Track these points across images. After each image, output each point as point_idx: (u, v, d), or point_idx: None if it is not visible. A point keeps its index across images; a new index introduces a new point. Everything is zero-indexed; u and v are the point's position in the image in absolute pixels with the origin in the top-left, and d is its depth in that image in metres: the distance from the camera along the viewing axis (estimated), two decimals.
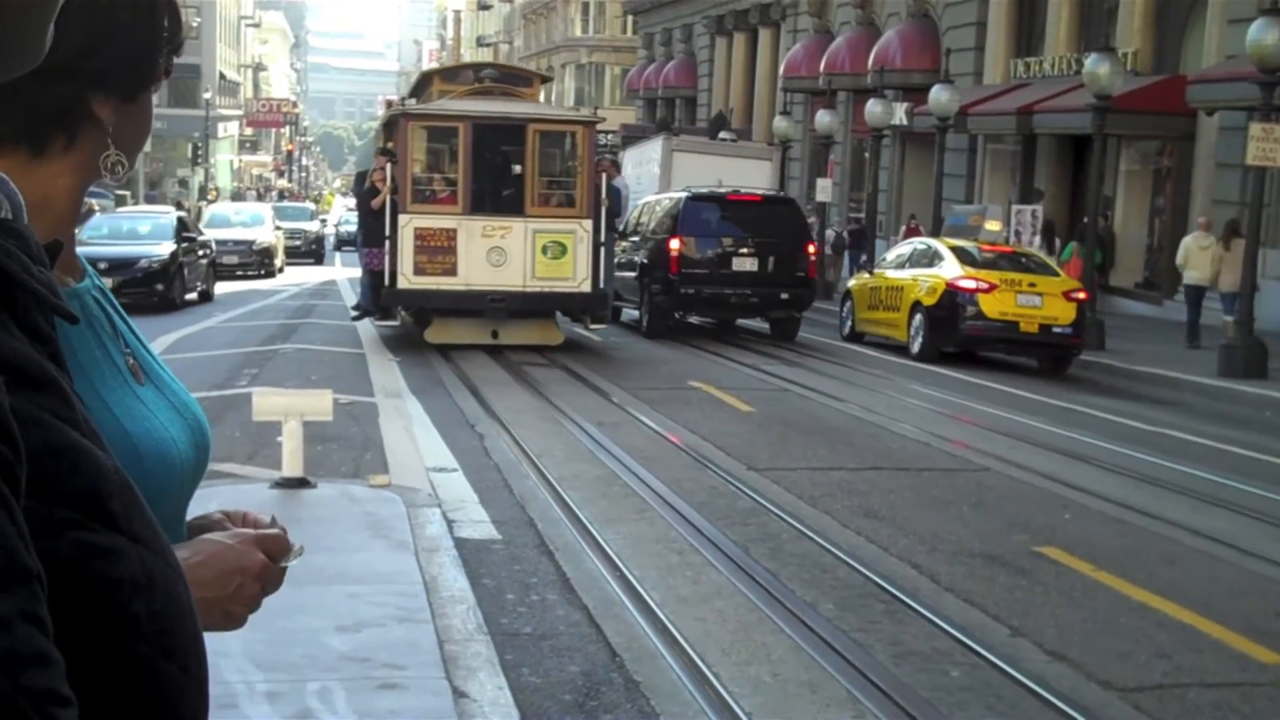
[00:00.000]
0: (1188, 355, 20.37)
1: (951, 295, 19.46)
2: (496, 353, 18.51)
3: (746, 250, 21.97)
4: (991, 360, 19.98)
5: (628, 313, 23.72)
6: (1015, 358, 20.07)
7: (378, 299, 19.34)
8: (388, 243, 18.63)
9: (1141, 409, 15.86)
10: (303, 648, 5.90)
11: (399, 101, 23.44)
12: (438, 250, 18.57)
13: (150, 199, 53.65)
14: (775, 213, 22.73)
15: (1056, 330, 19.18)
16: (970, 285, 19.36)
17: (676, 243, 21.87)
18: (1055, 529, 9.48)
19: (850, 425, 13.82)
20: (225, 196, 69.64)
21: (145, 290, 23.16)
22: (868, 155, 36.20)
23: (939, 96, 28.48)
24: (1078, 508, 10.24)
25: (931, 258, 20.73)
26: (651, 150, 32.16)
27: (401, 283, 18.57)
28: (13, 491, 0.94)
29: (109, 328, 1.60)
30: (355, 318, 21.19)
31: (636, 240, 23.45)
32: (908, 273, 20.96)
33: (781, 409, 14.72)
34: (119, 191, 48.70)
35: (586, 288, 18.95)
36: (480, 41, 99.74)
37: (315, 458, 10.27)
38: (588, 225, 18.93)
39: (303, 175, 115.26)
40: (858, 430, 13.50)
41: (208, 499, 1.70)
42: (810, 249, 22.93)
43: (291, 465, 9.31)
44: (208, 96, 70.76)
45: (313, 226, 46.07)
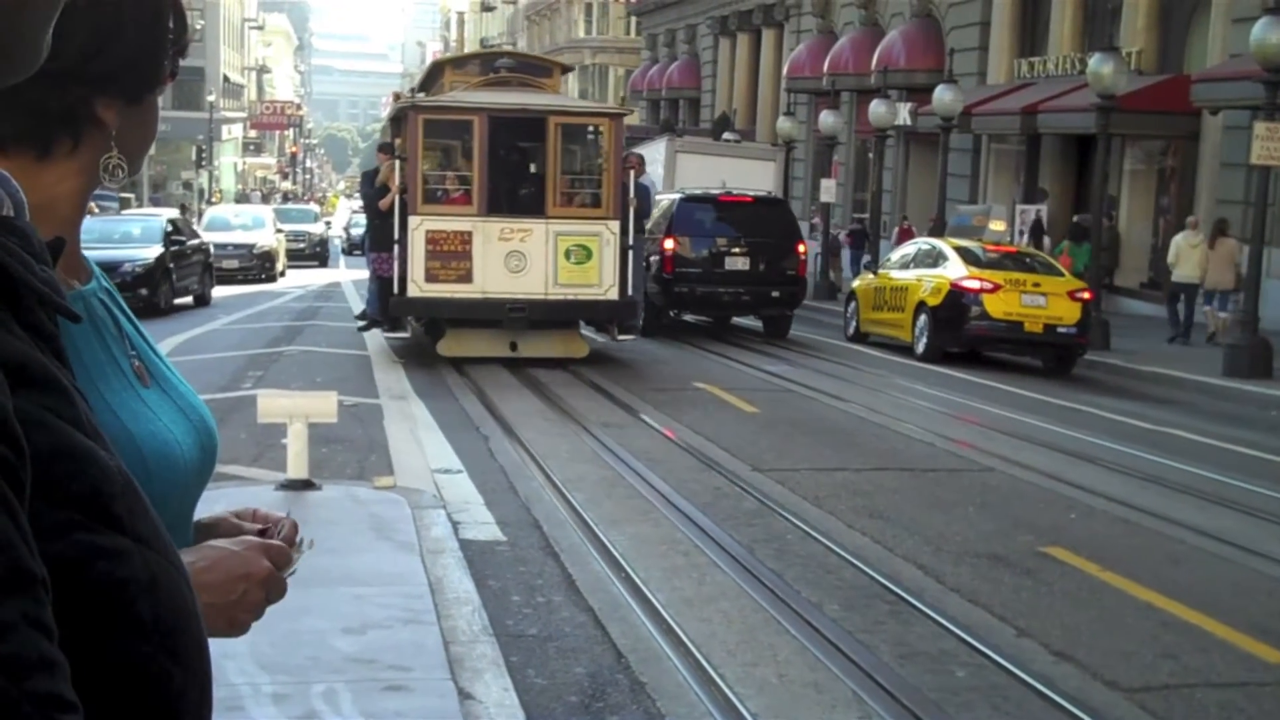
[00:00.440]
0: (1192, 355, 20.35)
1: (956, 295, 19.45)
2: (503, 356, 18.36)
3: (738, 250, 22.35)
4: (996, 360, 19.97)
5: None
6: (1020, 358, 20.05)
7: (386, 308, 17.84)
8: (396, 247, 17.15)
9: (1146, 409, 15.84)
10: (308, 649, 5.90)
11: (408, 94, 21.87)
12: (451, 255, 17.06)
13: (154, 201, 53.70)
14: (766, 213, 23.06)
15: (1061, 330, 19.16)
16: (975, 285, 19.35)
17: (670, 243, 22.22)
18: (1060, 529, 9.47)
19: (855, 426, 13.81)
20: (229, 199, 69.71)
21: (129, 295, 23.05)
22: (871, 155, 36.16)
23: (943, 96, 28.46)
24: (1083, 508, 10.23)
25: (936, 258, 20.72)
26: (655, 151, 32.12)
27: (412, 290, 17.06)
28: (16, 494, 0.94)
29: (114, 330, 1.60)
30: (362, 328, 19.54)
31: None
32: (912, 273, 20.95)
33: (786, 410, 14.71)
34: (123, 194, 48.77)
35: (614, 295, 17.39)
36: (484, 43, 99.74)
37: (320, 460, 10.27)
38: (614, 227, 17.40)
39: (307, 178, 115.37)
40: (862, 431, 13.49)
41: (213, 501, 1.70)
42: (800, 248, 23.20)
43: (296, 467, 9.32)
44: (211, 99, 70.79)
45: (316, 229, 45.65)
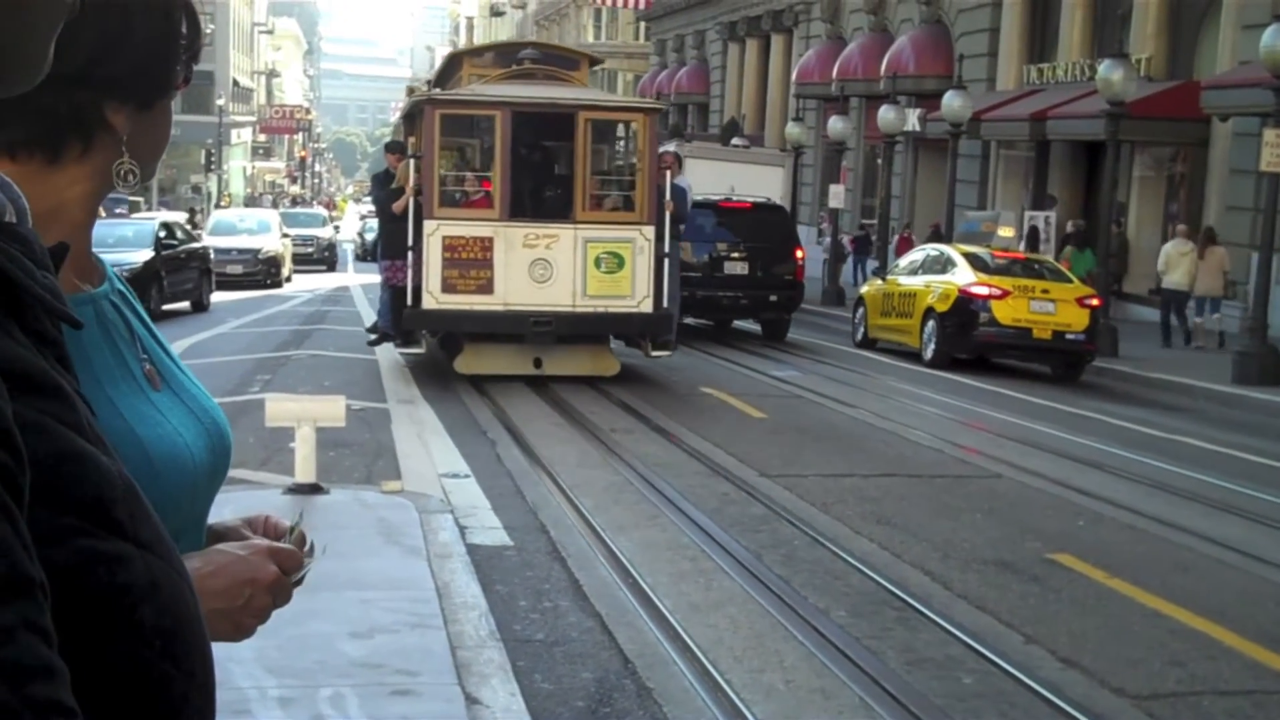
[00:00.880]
0: (1201, 362, 20.31)
1: (964, 302, 19.44)
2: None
3: (737, 255, 22.54)
4: (1004, 367, 19.95)
5: None
6: (1028, 364, 20.03)
7: (399, 321, 16.43)
8: (410, 254, 15.78)
9: (1155, 415, 15.82)
10: (315, 653, 5.90)
11: (423, 86, 20.28)
12: (470, 263, 15.67)
13: (164, 205, 53.75)
14: (764, 219, 23.24)
15: (1070, 337, 19.14)
16: (983, 292, 19.33)
17: None
18: (1068, 536, 9.46)
19: (863, 432, 13.80)
20: (239, 203, 69.80)
21: None
22: (880, 161, 36.16)
23: (952, 103, 28.46)
24: (1091, 514, 10.22)
25: (944, 264, 20.71)
26: None
27: (427, 302, 15.64)
28: (15, 500, 0.94)
29: (126, 333, 1.60)
30: (372, 342, 18.07)
31: None
32: (920, 279, 20.93)
33: (794, 415, 14.70)
34: (132, 198, 48.83)
35: (648, 307, 15.91)
36: None
37: (328, 463, 10.28)
38: (649, 232, 15.97)
39: (315, 182, 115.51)
40: (870, 437, 13.48)
41: (221, 504, 1.70)
42: (798, 254, 23.47)
43: (304, 471, 9.32)
44: (221, 103, 70.94)
45: (325, 233, 45.36)
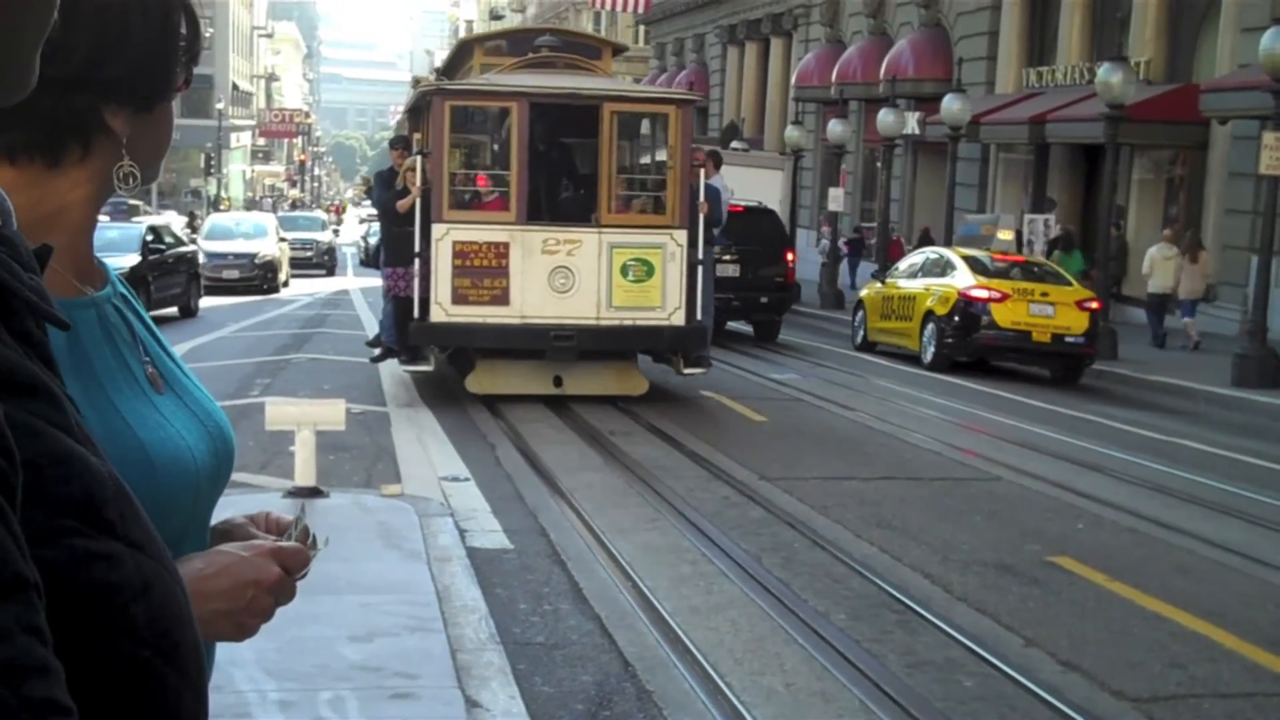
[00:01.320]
0: (1200, 364, 20.31)
1: (964, 305, 19.44)
2: None
3: (729, 257, 22.36)
4: (1004, 370, 19.95)
5: None
6: (1028, 367, 20.03)
7: (405, 335, 14.91)
8: (417, 261, 14.37)
9: (1154, 418, 15.82)
10: (315, 657, 5.90)
11: (432, 76, 18.79)
12: (484, 271, 14.28)
13: (164, 208, 53.69)
14: (756, 222, 23.29)
15: (1069, 340, 19.15)
16: (983, 295, 19.34)
17: None
18: (1068, 539, 9.46)
19: (862, 435, 13.80)
20: (238, 206, 69.80)
21: None
22: (880, 165, 36.15)
23: (951, 106, 28.47)
24: (1090, 517, 10.22)
25: (944, 267, 20.71)
26: None
27: (436, 314, 14.21)
28: (9, 501, 0.94)
29: (128, 336, 1.60)
30: (375, 358, 16.45)
31: None
32: (920, 282, 20.94)
33: (793, 418, 14.71)
34: (132, 201, 48.80)
35: (679, 319, 14.54)
36: None
37: (328, 467, 10.28)
38: (681, 237, 14.59)
39: (315, 185, 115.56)
40: (870, 440, 13.48)
41: (221, 508, 1.71)
42: (789, 256, 23.72)
43: (304, 475, 9.32)
44: (220, 107, 71.00)
45: (324, 237, 45.05)
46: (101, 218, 1.75)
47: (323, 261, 42.84)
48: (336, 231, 56.36)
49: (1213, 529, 9.92)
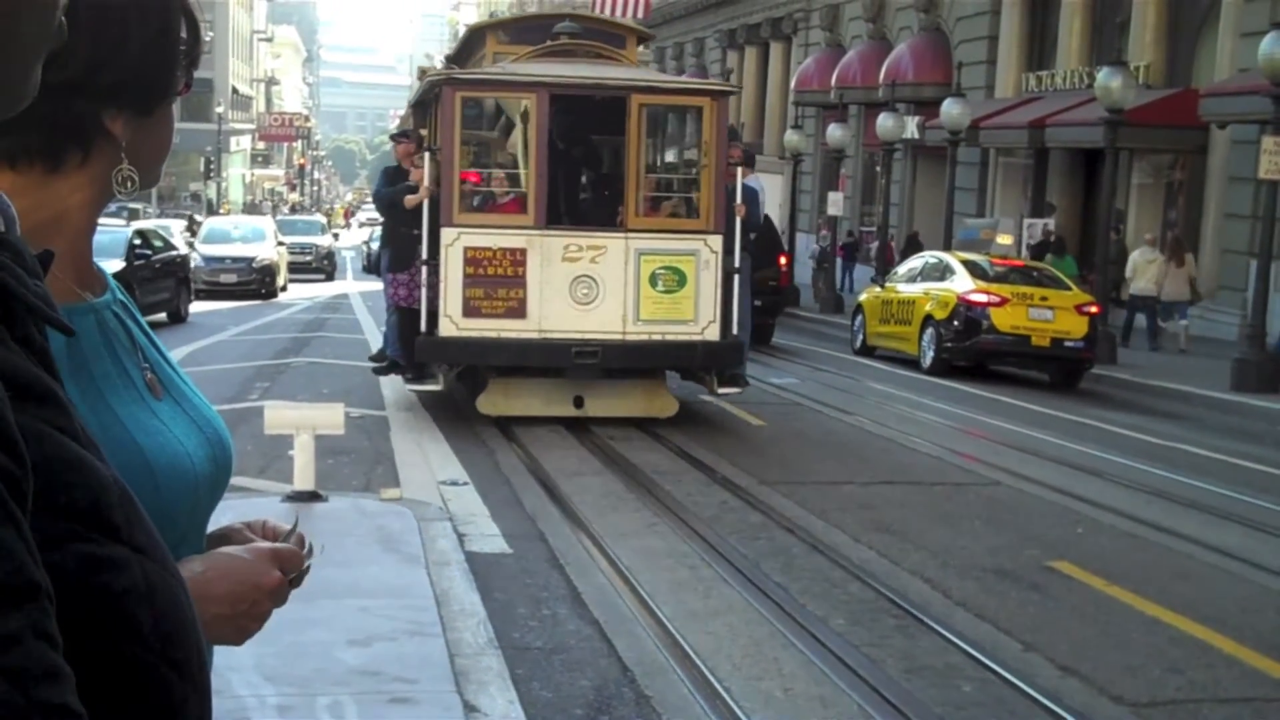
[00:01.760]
0: (1200, 369, 20.32)
1: (963, 309, 19.45)
2: None
3: None
4: (1003, 374, 19.96)
5: None
6: (1027, 372, 20.04)
7: (411, 350, 13.56)
8: (424, 270, 13.23)
9: (1153, 423, 15.82)
10: (314, 661, 5.90)
11: (442, 64, 17.34)
12: (498, 281, 13.04)
13: (164, 212, 53.60)
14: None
15: (1068, 344, 19.16)
16: (982, 299, 19.35)
17: None
18: (1067, 544, 9.46)
19: (861, 439, 13.80)
20: (238, 210, 69.79)
21: None
22: (879, 169, 36.21)
23: (950, 110, 28.50)
24: (1090, 522, 10.22)
25: (943, 272, 20.73)
26: None
27: (445, 328, 12.99)
28: (20, 507, 0.95)
29: (127, 342, 1.60)
30: (378, 370, 15.12)
31: None
32: (919, 287, 20.95)
33: (792, 423, 14.71)
34: (132, 205, 48.77)
35: (714, 334, 13.29)
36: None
37: (326, 471, 10.28)
38: (716, 243, 13.30)
39: (314, 189, 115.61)
40: (869, 444, 13.48)
41: (219, 512, 1.71)
42: (781, 260, 23.59)
43: (303, 478, 9.32)
44: (220, 110, 71.06)
45: (324, 241, 44.62)
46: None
47: (322, 266, 42.35)
48: (337, 235, 56.10)
49: (1212, 534, 9.92)
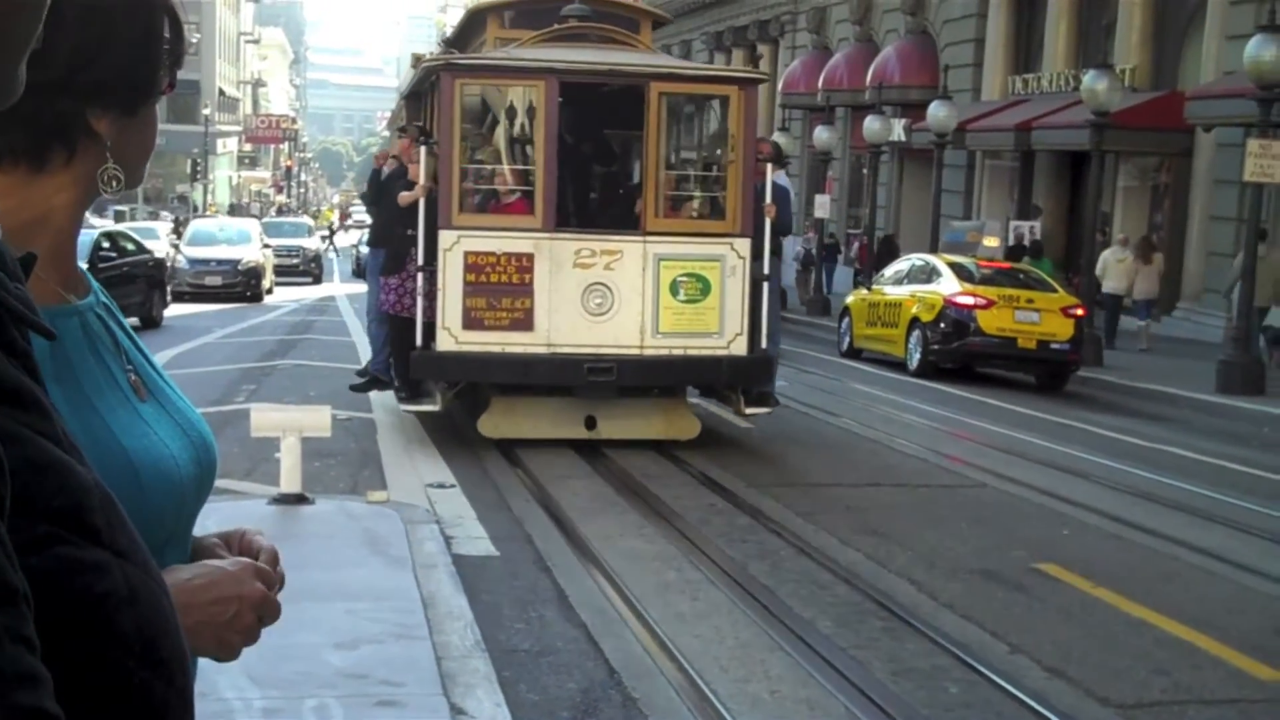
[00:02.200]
0: (1185, 371, 20.36)
1: (950, 311, 19.48)
2: None
3: None
4: (990, 376, 19.98)
5: None
6: (1013, 374, 20.07)
7: (404, 364, 12.45)
8: (420, 277, 12.02)
9: (1139, 425, 15.86)
10: (300, 664, 5.88)
11: (438, 49, 15.79)
12: (502, 289, 11.90)
13: (150, 213, 53.47)
14: None
15: (1054, 346, 19.19)
16: (968, 301, 19.38)
17: None
18: (1053, 545, 9.47)
19: (848, 441, 13.81)
20: (224, 212, 69.61)
21: None
22: (866, 171, 36.22)
23: (937, 113, 28.54)
24: (1076, 524, 10.24)
25: (930, 274, 20.76)
26: None
27: (443, 342, 11.86)
28: None
29: (111, 344, 1.60)
30: (357, 387, 14.11)
31: None
32: (906, 289, 20.97)
33: (780, 425, 14.69)
34: (118, 207, 48.63)
35: (740, 348, 12.16)
36: None
37: (313, 474, 10.26)
38: (743, 247, 12.15)
39: (301, 191, 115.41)
40: (856, 446, 13.49)
41: (205, 515, 1.70)
42: None
43: (289, 481, 9.30)
44: (207, 112, 70.92)
45: (311, 243, 44.14)
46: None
47: (309, 269, 41.85)
48: (324, 238, 55.67)
49: (1197, 535, 9.94)
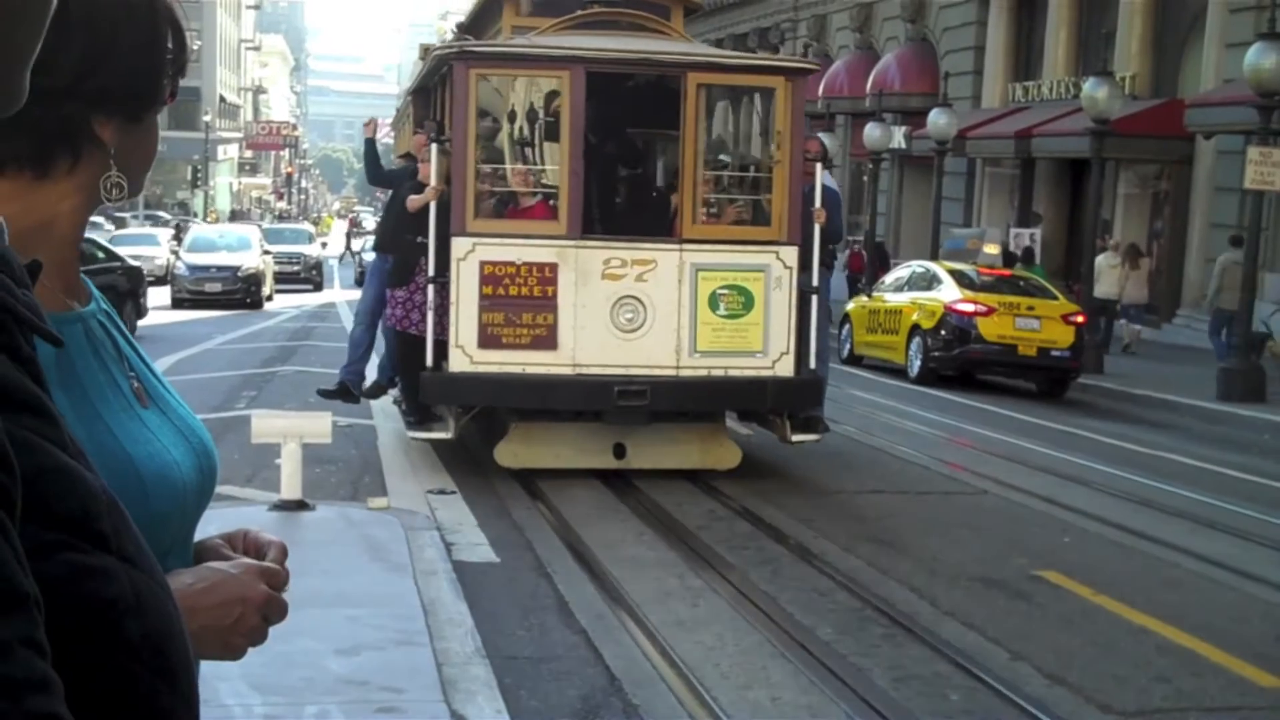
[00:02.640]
0: (1186, 378, 20.36)
1: (950, 319, 19.48)
2: None
3: None
4: (990, 383, 19.97)
5: None
6: (1014, 381, 20.07)
7: (413, 386, 11.29)
8: (430, 289, 10.88)
9: (1140, 432, 15.85)
10: (301, 671, 5.88)
11: (450, 35, 14.60)
12: (523, 303, 10.76)
13: (150, 220, 53.45)
14: None
15: (1055, 353, 19.19)
16: (969, 308, 19.38)
17: None
18: (1054, 552, 9.47)
19: (849, 448, 13.80)
20: (225, 219, 69.59)
21: None
22: (866, 178, 36.25)
23: (937, 120, 28.55)
24: (1077, 531, 10.23)
25: (930, 281, 20.75)
26: None
27: (457, 361, 10.74)
28: (9, 516, 0.95)
29: (113, 351, 1.60)
30: (328, 392, 12.78)
31: None
32: (906, 296, 20.97)
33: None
34: (118, 214, 48.65)
35: (787, 368, 11.06)
36: None
37: (314, 480, 10.26)
38: (790, 256, 11.05)
39: (302, 198, 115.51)
40: (856, 453, 13.48)
41: (206, 521, 1.70)
42: None
43: (290, 488, 9.30)
44: (207, 119, 70.95)
45: (312, 250, 43.78)
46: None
47: (310, 276, 41.47)
48: (325, 244, 55.53)
49: (1198, 543, 9.93)
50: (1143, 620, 7.82)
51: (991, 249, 26.09)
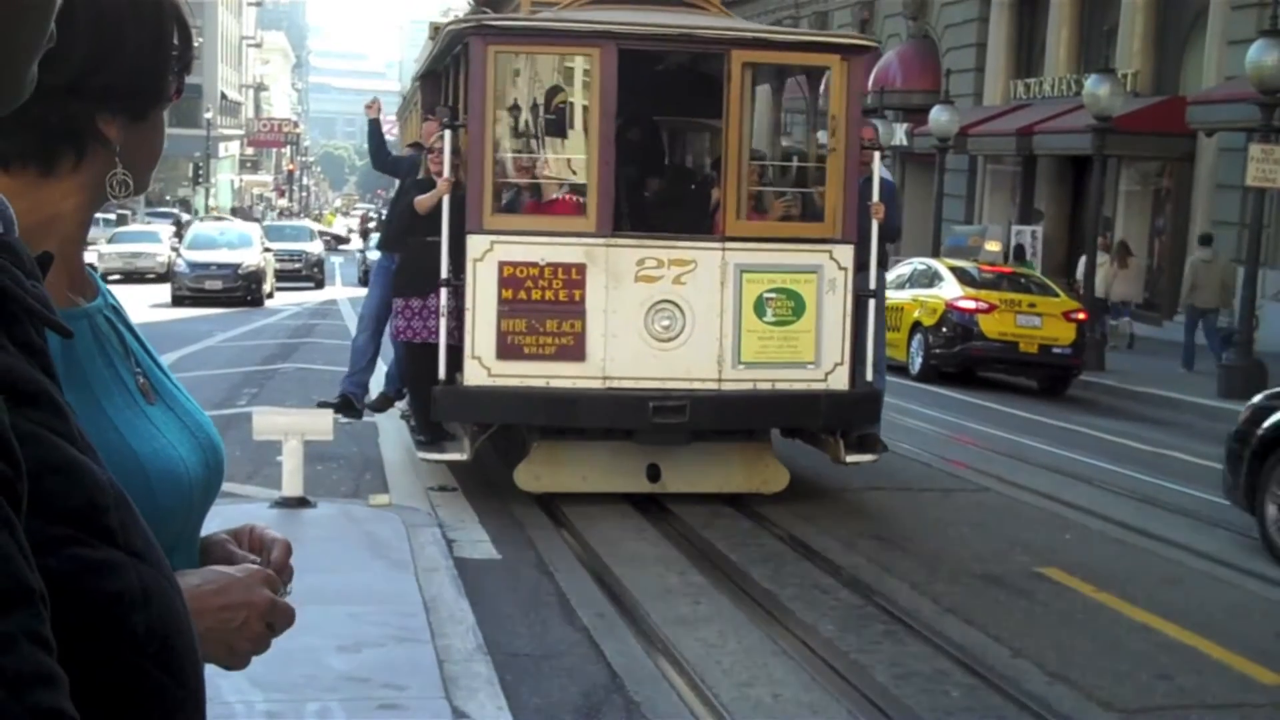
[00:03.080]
0: (1188, 376, 20.38)
1: (952, 316, 19.48)
2: None
3: None
4: (991, 380, 19.97)
5: None
6: (1015, 378, 20.07)
7: (424, 402, 10.16)
8: (443, 293, 9.68)
9: (1141, 430, 15.85)
10: (302, 668, 5.88)
11: (471, 7, 13.30)
12: (547, 308, 9.65)
13: (152, 217, 53.39)
14: None
15: (1056, 351, 19.19)
16: (970, 306, 19.38)
17: None
18: (1056, 549, 9.47)
19: None
20: (226, 214, 69.49)
21: None
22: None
23: (939, 117, 28.55)
24: (1078, 528, 10.23)
25: (931, 278, 20.75)
26: None
27: (473, 374, 9.64)
28: (14, 509, 0.95)
29: (119, 347, 1.60)
30: (329, 405, 11.24)
31: None
32: (907, 293, 20.95)
33: None
34: (120, 210, 48.64)
35: (841, 381, 10.00)
36: None
37: (315, 477, 10.26)
38: (845, 255, 9.96)
39: (303, 195, 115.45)
40: None
41: (208, 518, 1.70)
42: None
43: (291, 485, 9.30)
44: (209, 116, 70.92)
45: (313, 248, 43.48)
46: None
47: (312, 274, 41.11)
48: (327, 242, 54.98)
49: (1200, 540, 9.94)
50: (1144, 617, 7.83)
51: (993, 246, 26.10)
